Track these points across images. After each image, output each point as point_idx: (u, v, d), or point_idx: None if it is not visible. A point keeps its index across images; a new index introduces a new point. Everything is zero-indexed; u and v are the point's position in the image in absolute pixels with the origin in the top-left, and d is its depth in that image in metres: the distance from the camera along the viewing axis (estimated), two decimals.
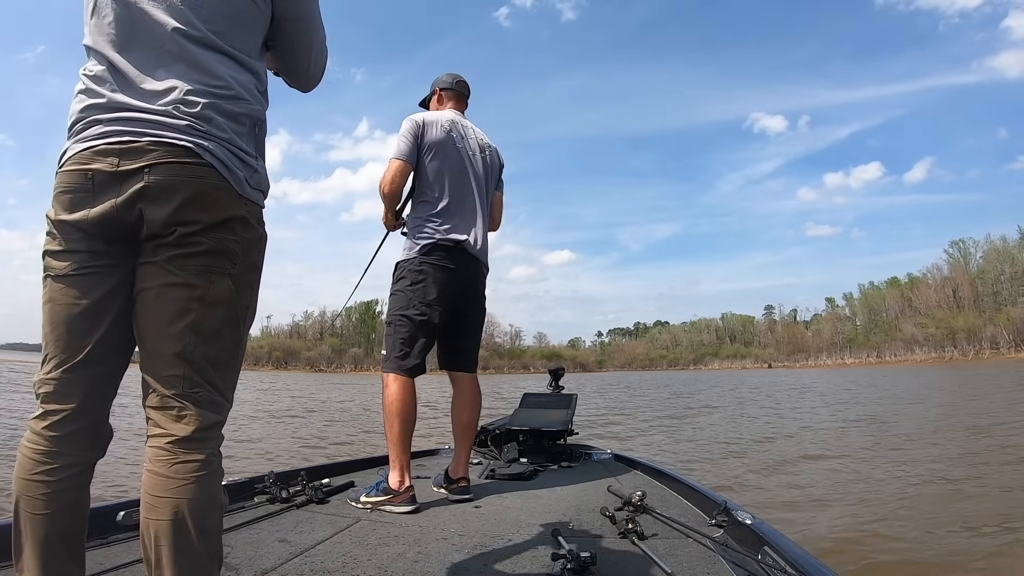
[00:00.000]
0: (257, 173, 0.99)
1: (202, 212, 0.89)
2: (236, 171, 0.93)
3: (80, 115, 0.92)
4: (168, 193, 0.87)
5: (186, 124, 0.89)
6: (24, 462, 0.90)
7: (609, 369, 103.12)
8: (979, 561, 2.69)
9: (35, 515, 0.88)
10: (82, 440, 0.92)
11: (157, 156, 0.87)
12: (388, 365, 2.15)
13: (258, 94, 1.02)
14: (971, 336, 70.62)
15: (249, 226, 0.96)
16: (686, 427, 9.21)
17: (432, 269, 2.16)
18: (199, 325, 0.89)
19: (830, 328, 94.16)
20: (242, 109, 0.97)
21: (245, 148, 0.97)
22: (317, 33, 1.14)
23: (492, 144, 2.42)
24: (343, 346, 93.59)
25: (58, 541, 0.90)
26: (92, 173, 0.88)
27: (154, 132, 0.88)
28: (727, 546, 1.52)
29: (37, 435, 0.91)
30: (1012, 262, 75.89)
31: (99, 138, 0.89)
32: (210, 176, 0.90)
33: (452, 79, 2.43)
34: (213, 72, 0.94)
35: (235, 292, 0.94)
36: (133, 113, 0.89)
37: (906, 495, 4.06)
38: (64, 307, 0.91)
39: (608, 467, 2.77)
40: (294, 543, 1.56)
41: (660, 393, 20.36)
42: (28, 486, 0.89)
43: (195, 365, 0.89)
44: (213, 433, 0.91)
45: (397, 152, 2.18)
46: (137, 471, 0.95)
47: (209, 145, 0.90)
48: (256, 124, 1.01)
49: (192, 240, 0.89)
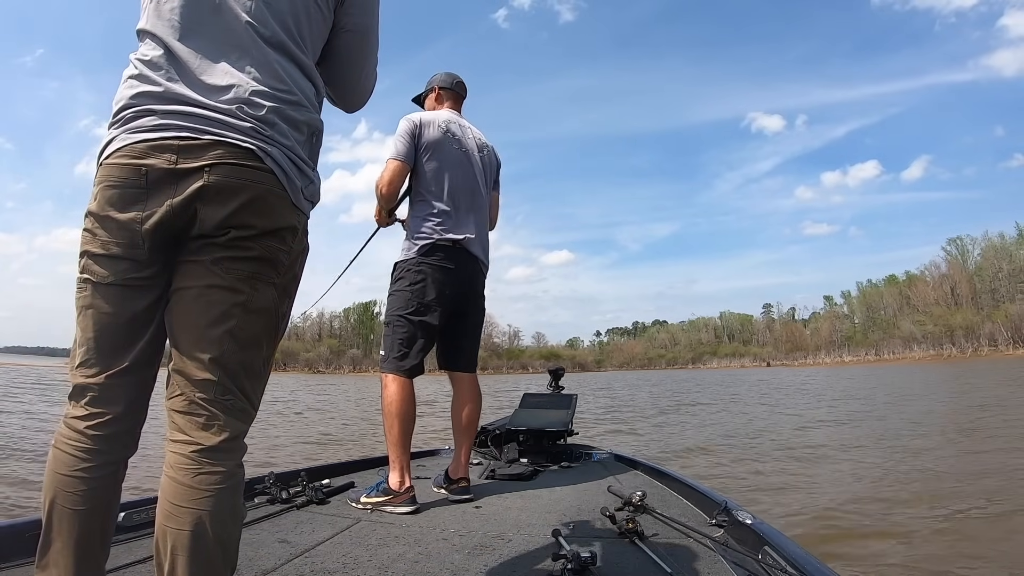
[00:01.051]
0: (312, 184, 0.96)
1: (259, 217, 0.86)
2: (294, 180, 0.91)
3: (131, 102, 0.86)
4: (227, 194, 0.84)
5: (250, 127, 0.86)
6: (63, 458, 0.88)
7: (608, 369, 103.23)
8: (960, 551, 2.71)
9: (73, 511, 0.87)
10: (121, 440, 0.92)
11: (218, 156, 0.84)
12: (386, 366, 2.15)
13: (317, 103, 0.99)
14: (969, 333, 70.85)
15: (298, 236, 0.93)
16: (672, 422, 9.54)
17: (431, 269, 2.16)
18: (239, 331, 0.86)
19: (828, 326, 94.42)
20: (303, 117, 0.94)
21: (304, 157, 0.94)
22: (373, 49, 1.11)
23: (489, 143, 2.42)
24: (341, 347, 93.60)
25: (95, 536, 0.90)
26: (147, 169, 0.83)
27: (217, 131, 0.84)
28: (727, 546, 1.52)
29: (80, 433, 0.89)
30: (1010, 259, 76.14)
31: (155, 130, 0.84)
32: (270, 182, 0.87)
33: (451, 79, 2.43)
34: (279, 75, 0.91)
35: (281, 302, 0.92)
36: (193, 108, 0.84)
37: (876, 484, 4.22)
38: (106, 316, 0.88)
39: (608, 467, 2.77)
40: (294, 544, 1.55)
41: (655, 391, 20.39)
42: (67, 482, 0.87)
43: (230, 371, 0.87)
44: (238, 444, 0.89)
45: (394, 153, 2.18)
46: (137, 471, 0.95)
47: (272, 150, 0.87)
48: (314, 134, 0.98)
49: (244, 244, 0.86)
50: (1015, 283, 73.08)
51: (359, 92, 1.15)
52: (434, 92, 2.41)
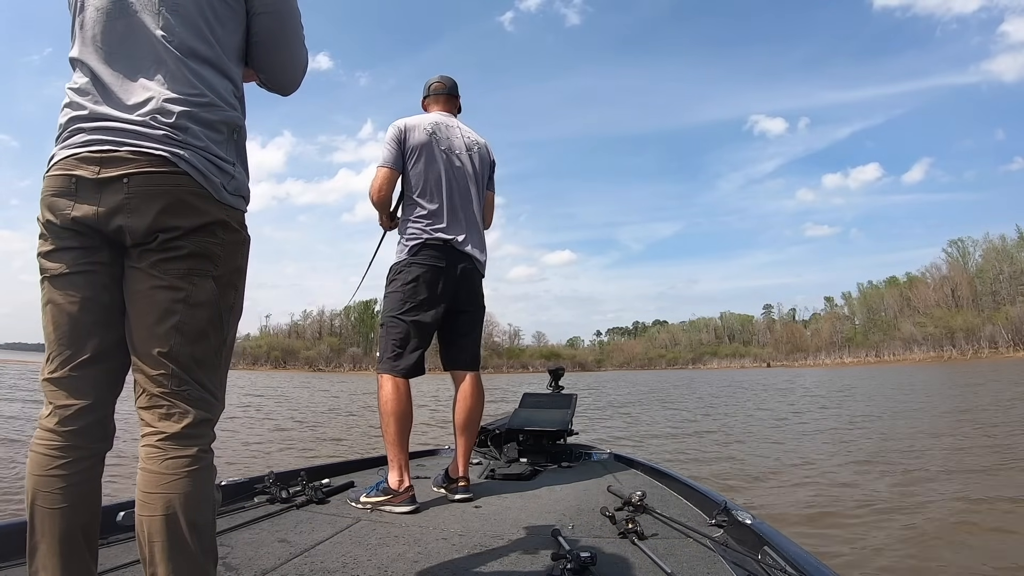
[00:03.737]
0: (235, 179, 1.00)
1: (180, 218, 0.92)
2: (212, 178, 0.96)
3: (65, 124, 0.96)
4: (147, 203, 0.91)
5: (163, 134, 0.92)
6: (38, 459, 0.92)
7: (608, 368, 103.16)
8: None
9: (53, 510, 0.90)
10: (92, 433, 0.95)
11: (136, 166, 0.91)
12: (382, 366, 2.17)
13: (235, 100, 1.04)
14: (970, 335, 70.78)
15: (230, 229, 0.98)
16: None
17: (422, 269, 2.18)
18: (184, 326, 0.92)
19: (829, 327, 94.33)
20: (218, 116, 0.99)
21: (222, 155, 0.99)
22: (295, 30, 1.11)
23: (481, 141, 2.43)
24: (342, 346, 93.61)
25: (79, 534, 0.92)
26: (75, 179, 0.91)
27: (133, 142, 0.91)
28: (727, 546, 1.52)
29: (50, 431, 0.93)
30: (1011, 261, 76.07)
31: (82, 146, 0.92)
32: (186, 183, 0.93)
33: (444, 82, 2.47)
34: (190, 80, 0.97)
35: (218, 293, 0.97)
36: (114, 123, 0.93)
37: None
38: (64, 306, 0.93)
39: (608, 467, 2.77)
40: (294, 543, 1.56)
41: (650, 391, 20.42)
42: (45, 482, 0.91)
43: (182, 364, 0.92)
44: (203, 430, 0.93)
45: (382, 160, 2.24)
46: (135, 472, 0.99)
47: (185, 154, 0.93)
48: (234, 131, 1.02)
49: (174, 245, 0.92)
50: (1016, 285, 72.99)
51: (287, 75, 1.14)
52: (428, 96, 2.46)
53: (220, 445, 0.99)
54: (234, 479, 2.04)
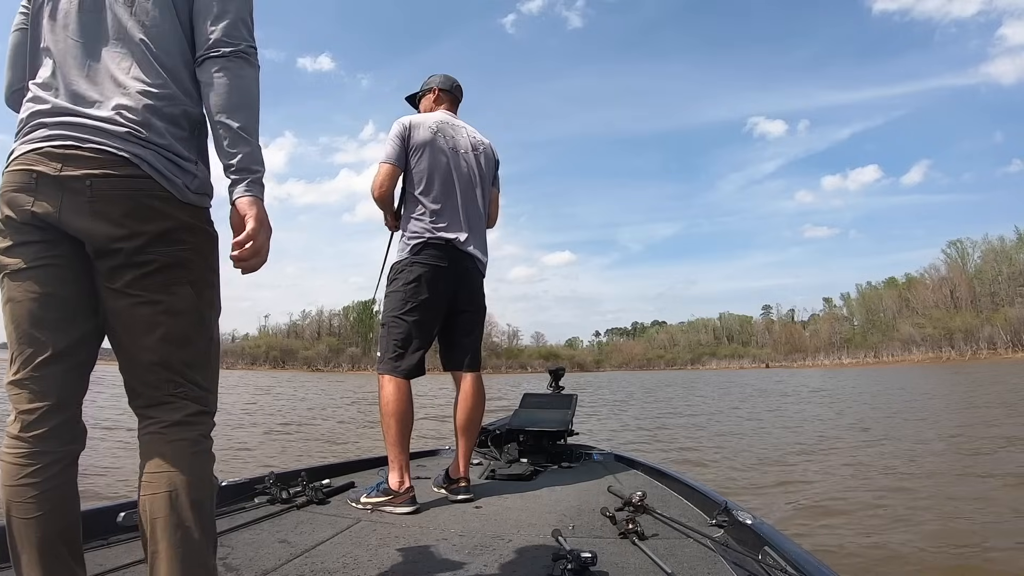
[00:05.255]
0: (197, 178, 0.98)
1: (144, 223, 0.91)
2: (175, 179, 0.94)
3: (27, 118, 0.94)
4: (110, 207, 0.89)
5: (126, 131, 0.91)
6: (8, 469, 0.91)
7: (606, 369, 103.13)
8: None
9: (30, 519, 0.89)
10: (61, 435, 0.94)
11: (98, 165, 0.89)
12: (383, 367, 2.16)
13: (195, 92, 1.00)
14: (968, 336, 70.83)
15: (197, 230, 0.97)
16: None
17: (424, 268, 2.17)
18: (170, 335, 0.93)
19: (827, 328, 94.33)
20: (179, 110, 0.97)
21: (184, 154, 0.97)
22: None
23: (485, 141, 2.43)
24: (340, 346, 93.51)
25: (58, 540, 0.91)
26: (36, 174, 0.90)
27: (96, 140, 0.90)
28: (727, 546, 1.52)
29: (16, 439, 0.92)
30: (1010, 262, 76.14)
31: (44, 140, 0.91)
32: (148, 187, 0.91)
33: (450, 81, 2.46)
34: (154, 73, 0.95)
35: (197, 296, 0.97)
36: (77, 118, 0.91)
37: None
38: (24, 303, 0.92)
39: (608, 467, 2.77)
40: (294, 544, 1.56)
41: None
42: (17, 491, 0.89)
43: (175, 369, 0.94)
44: (202, 418, 0.96)
45: (384, 156, 2.23)
46: (133, 473, 1.00)
47: (146, 155, 0.92)
48: (195, 127, 1.01)
49: (145, 258, 0.91)
50: (1015, 286, 73.06)
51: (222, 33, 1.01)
52: (432, 93, 2.45)
53: (219, 445, 0.99)
54: (234, 479, 2.04)
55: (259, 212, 0.97)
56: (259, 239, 0.97)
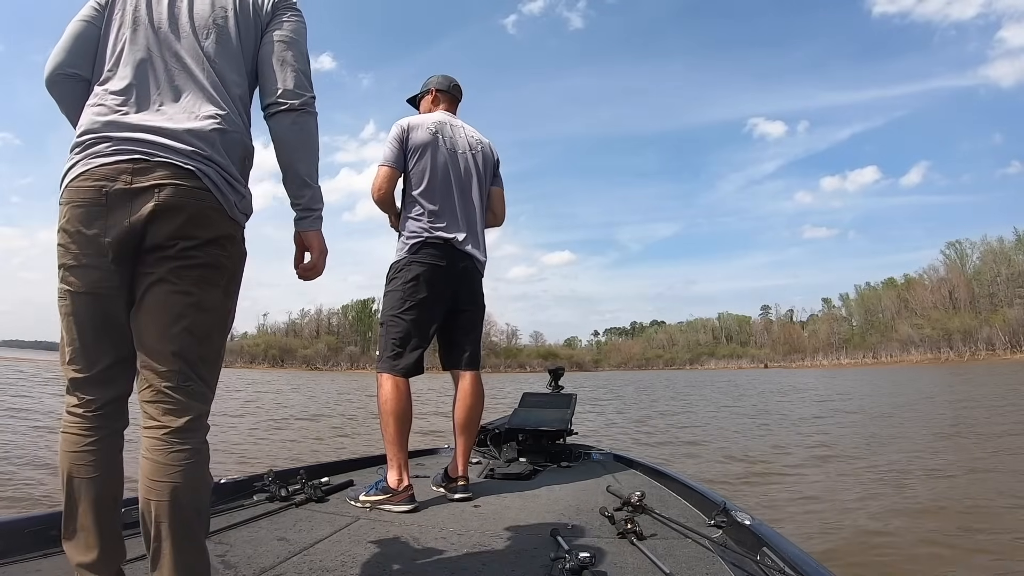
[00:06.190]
0: (244, 199, 1.11)
1: (201, 229, 1.02)
2: (228, 195, 1.05)
3: (91, 129, 1.02)
4: (174, 212, 0.99)
5: (191, 150, 1.01)
6: (71, 439, 1.04)
7: (605, 368, 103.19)
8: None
9: (89, 479, 1.02)
10: (113, 415, 1.07)
11: (165, 176, 0.99)
12: (381, 366, 2.17)
13: (247, 123, 1.15)
14: (967, 337, 70.98)
15: (236, 243, 1.09)
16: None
17: (422, 268, 2.18)
18: (194, 328, 1.02)
19: (826, 328, 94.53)
20: (236, 140, 1.09)
21: (237, 176, 1.09)
22: (300, 52, 1.18)
23: (484, 140, 2.43)
24: (339, 344, 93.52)
25: (109, 497, 1.04)
26: (107, 188, 0.98)
27: (163, 155, 1.00)
28: (726, 547, 1.52)
29: (79, 417, 1.05)
30: (1008, 264, 76.25)
31: (112, 155, 0.99)
32: (208, 199, 1.02)
33: (448, 82, 2.46)
34: (220, 103, 1.07)
35: (224, 299, 1.08)
36: (145, 135, 1.00)
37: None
38: (86, 321, 1.03)
39: (607, 467, 2.78)
40: (293, 542, 1.56)
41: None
42: (78, 456, 1.03)
43: (190, 362, 1.02)
44: (202, 423, 1.04)
45: (383, 159, 2.24)
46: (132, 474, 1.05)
47: (208, 171, 1.03)
48: (247, 155, 1.13)
49: (191, 254, 1.01)
50: (1013, 288, 73.17)
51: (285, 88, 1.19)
52: (431, 94, 2.46)
53: (218, 446, 1.01)
54: (233, 477, 2.04)
55: (320, 243, 1.20)
56: (320, 263, 1.21)
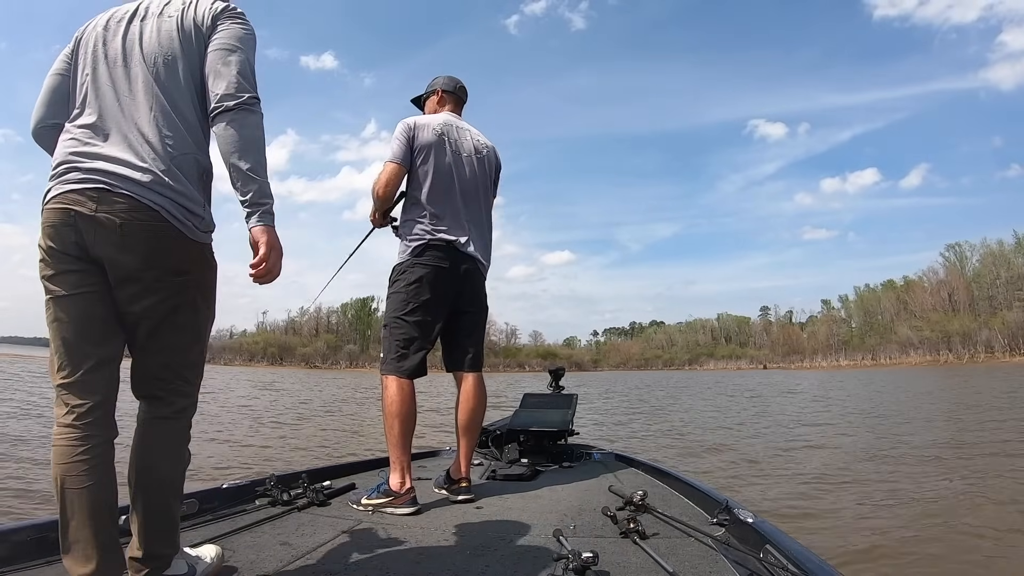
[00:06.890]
0: (204, 220, 1.20)
1: (164, 257, 1.13)
2: (187, 222, 1.15)
3: (63, 160, 1.12)
4: (137, 244, 1.09)
5: (151, 180, 1.11)
6: (62, 450, 1.08)
7: (604, 368, 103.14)
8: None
9: (81, 489, 1.06)
10: (103, 422, 1.13)
11: (126, 209, 1.09)
12: (386, 367, 2.16)
13: (205, 143, 1.22)
14: (966, 339, 70.96)
15: (201, 262, 1.20)
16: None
17: (425, 270, 2.18)
18: (177, 344, 1.19)
19: (825, 330, 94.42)
20: (190, 161, 1.17)
21: (196, 198, 1.17)
22: (237, 54, 1.21)
23: (489, 144, 2.43)
24: (338, 343, 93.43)
25: (103, 507, 1.08)
26: (74, 213, 1.08)
27: (123, 188, 1.09)
28: (729, 545, 1.52)
29: (69, 427, 1.10)
30: (1008, 266, 76.20)
31: (80, 183, 1.09)
32: (168, 229, 1.12)
33: (453, 83, 2.46)
34: (176, 129, 1.15)
35: (195, 315, 1.20)
36: (108, 165, 1.10)
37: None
38: (70, 325, 1.11)
39: (609, 467, 2.78)
40: (295, 545, 1.55)
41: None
42: (70, 467, 1.07)
43: (175, 371, 1.20)
44: (189, 412, 1.22)
45: (391, 155, 2.23)
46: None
47: (166, 203, 1.12)
48: (203, 173, 1.21)
49: (158, 287, 1.13)
50: (1013, 290, 73.17)
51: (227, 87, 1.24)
52: (436, 95, 2.45)
53: (219, 447, 1.04)
54: (235, 482, 2.04)
55: (270, 238, 1.18)
56: (270, 261, 1.19)
